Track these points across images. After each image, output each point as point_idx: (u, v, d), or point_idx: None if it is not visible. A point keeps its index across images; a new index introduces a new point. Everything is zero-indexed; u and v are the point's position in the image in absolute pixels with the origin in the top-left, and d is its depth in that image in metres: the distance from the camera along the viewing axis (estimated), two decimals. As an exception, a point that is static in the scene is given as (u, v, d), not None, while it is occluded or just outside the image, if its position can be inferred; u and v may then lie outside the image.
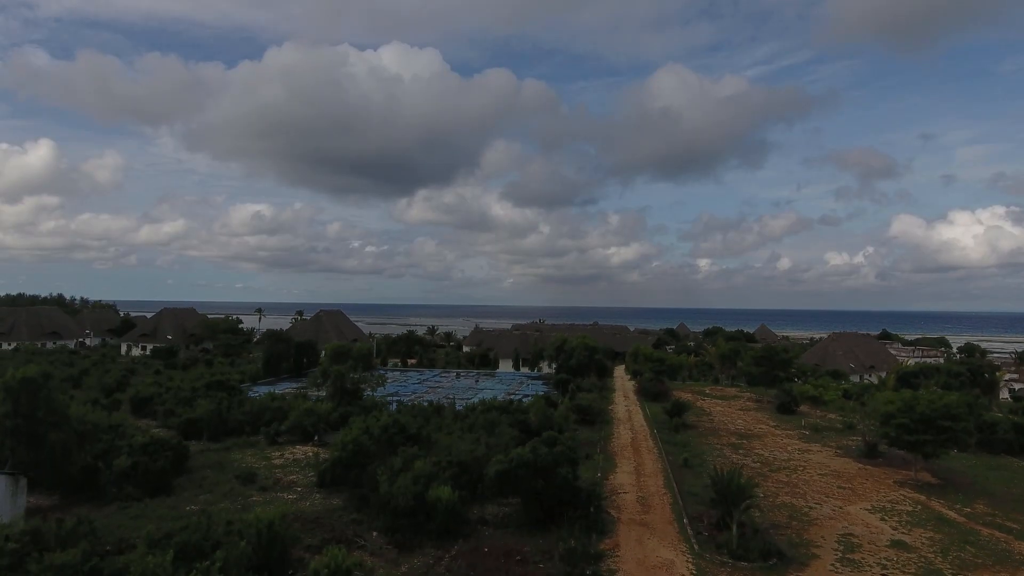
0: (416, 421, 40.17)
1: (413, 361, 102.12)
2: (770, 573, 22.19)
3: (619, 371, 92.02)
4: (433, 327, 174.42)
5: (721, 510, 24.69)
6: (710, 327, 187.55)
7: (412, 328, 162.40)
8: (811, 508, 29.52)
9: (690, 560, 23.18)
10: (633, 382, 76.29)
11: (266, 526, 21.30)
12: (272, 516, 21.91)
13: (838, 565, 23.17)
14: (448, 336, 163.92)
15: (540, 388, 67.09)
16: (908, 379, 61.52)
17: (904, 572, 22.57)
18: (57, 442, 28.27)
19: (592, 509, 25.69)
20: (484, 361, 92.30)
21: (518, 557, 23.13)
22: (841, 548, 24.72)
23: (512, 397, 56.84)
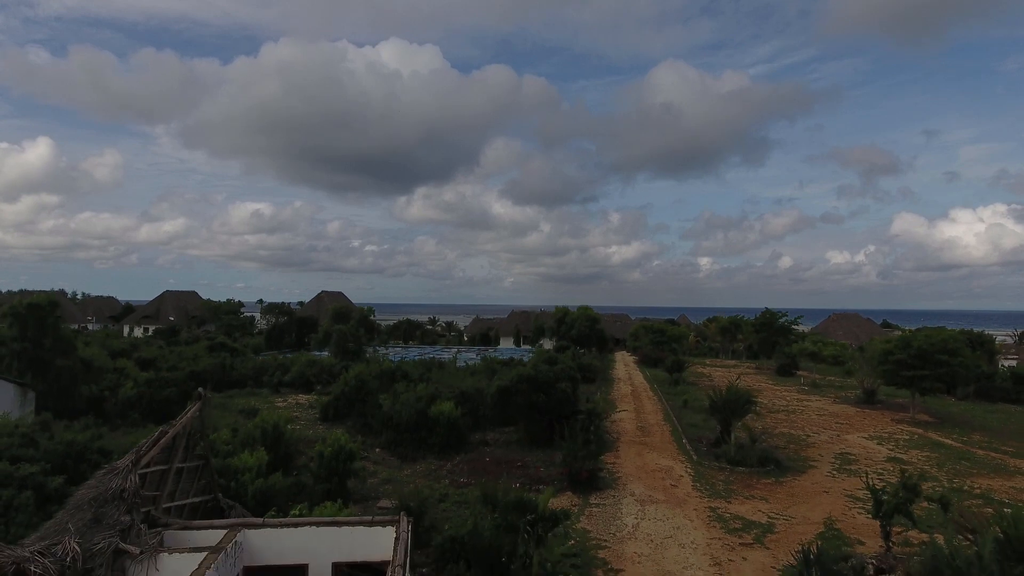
0: (418, 370, 40.57)
1: (413, 343, 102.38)
2: (767, 476, 22.50)
3: (620, 354, 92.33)
4: (434, 317, 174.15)
5: (719, 419, 24.99)
6: (711, 318, 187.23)
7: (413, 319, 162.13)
8: (809, 436, 29.82)
9: (688, 466, 23.51)
10: (634, 356, 76.56)
11: (272, 426, 21.66)
12: (277, 418, 22.27)
13: (835, 473, 23.49)
14: (449, 326, 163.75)
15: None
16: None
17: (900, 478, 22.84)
18: (64, 369, 28.67)
19: (592, 428, 25.95)
20: (485, 340, 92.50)
21: (519, 463, 23.48)
22: (838, 462, 25.04)
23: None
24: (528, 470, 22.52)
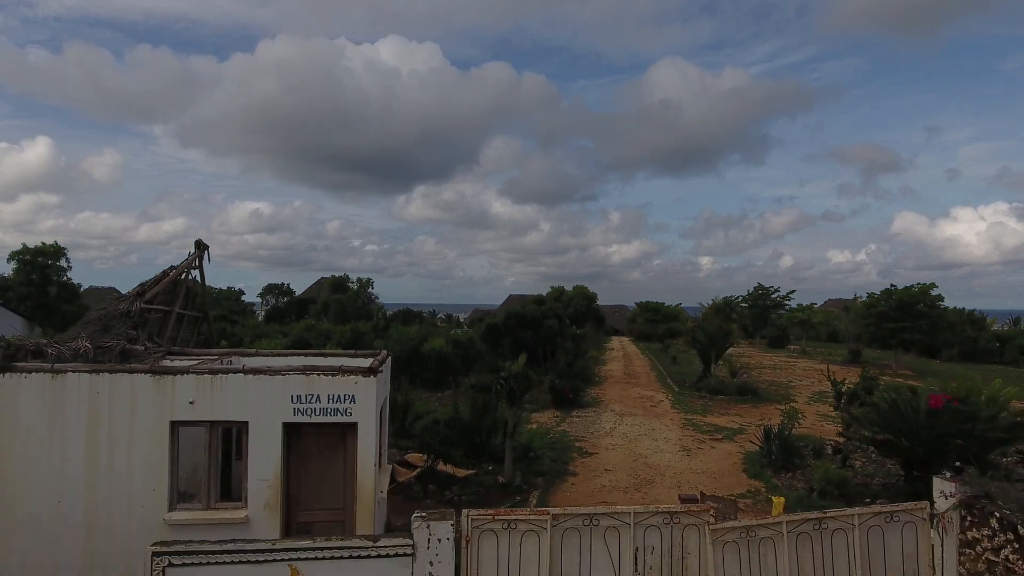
0: (412, 327, 41.55)
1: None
2: (745, 403, 23.41)
3: (617, 339, 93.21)
4: (434, 311, 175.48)
5: (699, 351, 25.90)
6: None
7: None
8: (791, 382, 30.75)
9: (669, 396, 24.44)
10: (630, 338, 77.45)
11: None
12: (273, 346, 23.23)
13: (811, 402, 24.43)
14: (449, 318, 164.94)
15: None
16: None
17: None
18: (69, 314, 29.59)
19: (577, 361, 26.88)
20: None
21: (507, 393, 24.40)
22: (816, 396, 25.99)
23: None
24: (515, 397, 23.42)
